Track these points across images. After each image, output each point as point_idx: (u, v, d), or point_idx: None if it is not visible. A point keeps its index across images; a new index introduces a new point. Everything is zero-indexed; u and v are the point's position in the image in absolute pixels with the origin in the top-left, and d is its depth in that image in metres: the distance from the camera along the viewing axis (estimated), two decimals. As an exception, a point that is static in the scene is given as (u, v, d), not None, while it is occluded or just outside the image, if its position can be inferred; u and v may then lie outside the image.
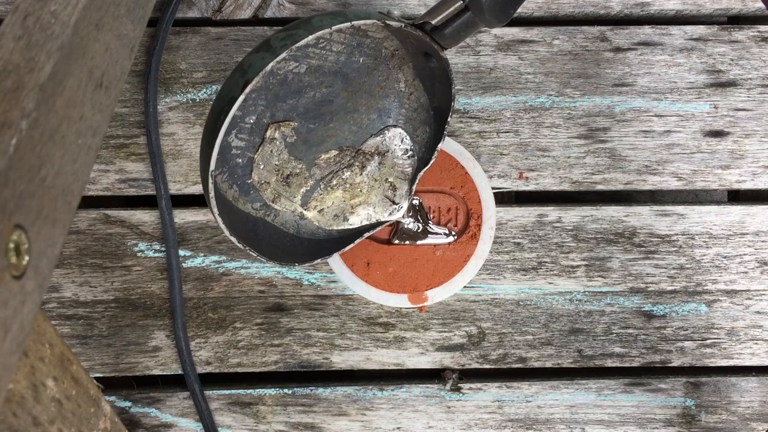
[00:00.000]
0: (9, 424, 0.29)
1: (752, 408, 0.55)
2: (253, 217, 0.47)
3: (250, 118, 0.45)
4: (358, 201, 0.49)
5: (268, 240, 0.48)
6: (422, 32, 0.41)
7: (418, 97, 0.48)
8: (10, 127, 0.25)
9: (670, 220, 0.55)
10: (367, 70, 0.46)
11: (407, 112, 0.48)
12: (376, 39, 0.44)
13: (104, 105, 0.35)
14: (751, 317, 0.55)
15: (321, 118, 0.47)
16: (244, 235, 0.45)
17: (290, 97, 0.45)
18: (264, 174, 0.46)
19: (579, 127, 0.55)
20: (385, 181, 0.49)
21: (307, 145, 0.47)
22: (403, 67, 0.46)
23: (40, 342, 0.32)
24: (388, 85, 0.47)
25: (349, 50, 0.44)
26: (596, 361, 0.55)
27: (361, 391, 0.54)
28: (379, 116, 0.48)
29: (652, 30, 0.56)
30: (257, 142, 0.46)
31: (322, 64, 0.44)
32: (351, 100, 0.47)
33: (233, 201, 0.46)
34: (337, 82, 0.46)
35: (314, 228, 0.50)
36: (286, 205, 0.48)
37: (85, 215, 0.54)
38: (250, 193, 0.47)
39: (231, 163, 0.45)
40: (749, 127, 0.55)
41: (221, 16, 0.55)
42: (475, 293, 0.54)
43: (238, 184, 0.46)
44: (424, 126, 0.49)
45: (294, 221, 0.49)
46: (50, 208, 0.28)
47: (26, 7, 0.30)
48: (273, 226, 0.48)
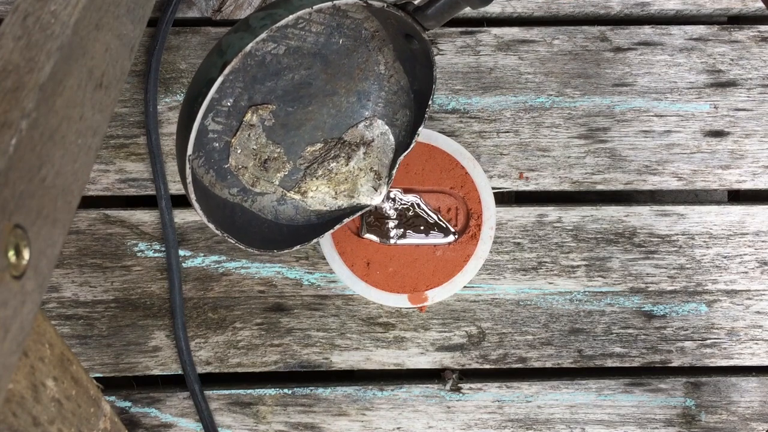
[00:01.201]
0: (9, 424, 0.29)
1: (752, 408, 0.55)
2: (230, 202, 0.46)
3: (228, 101, 0.44)
4: (342, 188, 0.48)
5: (245, 226, 0.47)
6: (404, 12, 0.40)
7: (399, 79, 0.47)
8: (10, 127, 0.25)
9: (670, 220, 0.55)
10: (346, 52, 0.45)
11: (387, 95, 0.48)
12: (357, 20, 0.44)
13: (104, 105, 0.35)
14: (751, 317, 0.55)
15: (300, 100, 0.46)
16: (221, 221, 0.44)
17: (268, 79, 0.44)
18: (241, 159, 0.45)
19: (579, 127, 0.55)
20: (369, 170, 0.48)
21: (286, 128, 0.46)
22: (384, 49, 0.46)
23: (40, 342, 0.32)
24: (367, 68, 0.46)
25: (328, 31, 0.44)
26: (596, 361, 0.55)
27: (361, 391, 0.54)
28: (359, 99, 0.48)
29: (652, 30, 0.56)
30: (234, 126, 0.45)
31: (301, 45, 0.43)
32: (330, 82, 0.46)
33: (210, 186, 0.45)
34: (316, 64, 0.45)
35: (292, 214, 0.49)
36: (266, 188, 0.47)
37: (85, 215, 0.54)
38: (227, 178, 0.46)
39: (207, 147, 0.44)
40: (749, 127, 0.55)
41: (221, 16, 0.55)
42: (475, 293, 0.54)
43: (214, 168, 0.45)
44: (404, 109, 0.48)
45: (272, 207, 0.48)
46: (50, 208, 0.28)
47: (26, 7, 0.30)
48: (250, 212, 0.47)
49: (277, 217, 0.48)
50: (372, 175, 0.48)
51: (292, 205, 0.49)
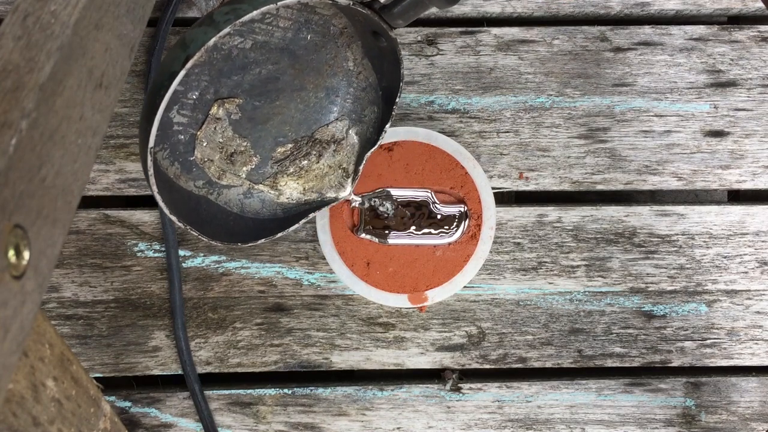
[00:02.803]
0: (9, 424, 0.29)
1: (752, 408, 0.55)
2: (195, 195, 0.46)
3: (193, 93, 0.43)
4: (311, 185, 0.49)
5: (210, 219, 0.46)
6: (371, 11, 0.40)
7: (367, 76, 0.47)
8: (10, 127, 0.25)
9: (670, 220, 0.55)
10: (315, 48, 0.45)
11: (355, 92, 0.48)
12: (325, 16, 0.44)
13: (104, 105, 0.35)
14: (751, 317, 0.55)
15: (267, 95, 0.46)
16: (185, 213, 0.44)
17: (235, 73, 0.44)
18: (207, 151, 0.45)
19: (579, 127, 0.55)
20: (339, 167, 0.49)
21: (253, 122, 0.46)
22: (352, 45, 0.46)
23: (40, 342, 0.32)
24: (336, 64, 0.46)
25: (296, 26, 0.44)
26: (596, 361, 0.55)
27: (361, 391, 0.54)
28: (327, 95, 0.48)
29: (652, 30, 0.56)
30: (200, 119, 0.44)
31: (268, 40, 0.43)
32: (298, 77, 0.46)
33: (174, 178, 0.45)
34: (284, 59, 0.45)
35: (259, 207, 0.49)
36: (233, 180, 0.47)
37: (85, 215, 0.54)
38: (192, 170, 0.46)
39: (172, 139, 0.44)
40: (749, 127, 0.55)
41: (221, 16, 0.55)
42: (475, 293, 0.54)
43: (179, 161, 0.45)
44: (372, 106, 0.48)
45: (238, 200, 0.48)
46: (50, 208, 0.28)
47: (26, 7, 0.30)
48: (216, 205, 0.47)
49: (243, 210, 0.48)
50: (340, 172, 0.49)
51: (258, 198, 0.49)
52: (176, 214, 0.42)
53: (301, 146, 0.48)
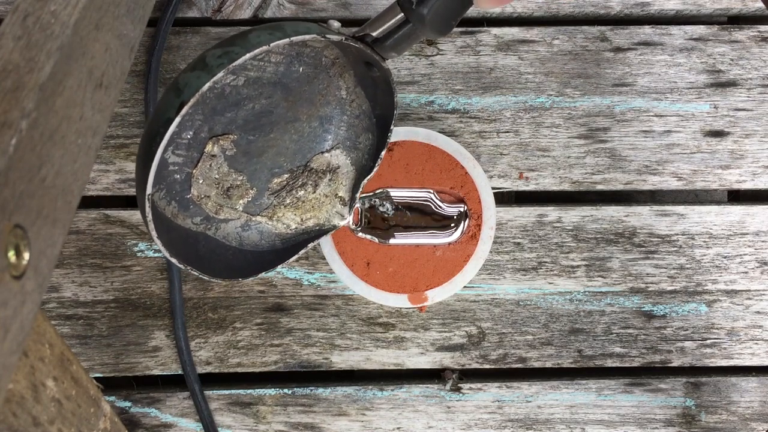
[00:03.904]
0: (9, 424, 0.29)
1: (752, 408, 0.55)
2: (194, 232, 0.46)
3: (187, 133, 0.43)
4: (309, 216, 0.49)
5: (209, 255, 0.46)
6: (363, 44, 0.40)
7: (360, 104, 0.47)
8: (10, 127, 0.25)
9: (670, 220, 0.55)
10: (307, 79, 0.45)
11: (349, 119, 0.48)
12: (316, 48, 0.44)
13: (104, 105, 0.35)
14: (751, 317, 0.55)
15: (261, 129, 0.46)
16: (184, 252, 0.44)
17: (228, 110, 0.44)
18: (204, 188, 0.45)
19: (579, 127, 0.55)
20: (335, 195, 0.49)
21: (248, 156, 0.46)
22: (344, 74, 0.46)
23: (40, 342, 0.32)
24: (329, 93, 0.47)
25: (288, 60, 0.44)
26: (596, 361, 0.55)
27: (361, 391, 0.54)
28: (321, 124, 0.48)
29: (652, 30, 0.56)
30: (195, 157, 0.44)
31: (260, 75, 0.43)
32: (291, 109, 0.46)
33: (172, 217, 0.45)
34: (276, 93, 0.45)
35: (257, 239, 0.49)
36: (230, 214, 0.47)
37: (85, 215, 0.54)
38: (189, 208, 0.46)
39: (168, 179, 0.44)
40: (749, 127, 0.55)
41: (221, 16, 0.55)
42: (475, 293, 0.54)
43: (176, 200, 0.45)
44: (366, 133, 0.48)
45: (236, 233, 0.48)
46: (50, 208, 0.28)
47: (26, 7, 0.30)
48: (214, 240, 0.47)
49: (242, 243, 0.48)
50: (337, 200, 0.49)
51: (256, 230, 0.49)
52: (176, 255, 0.42)
53: (297, 176, 0.48)
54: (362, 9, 0.56)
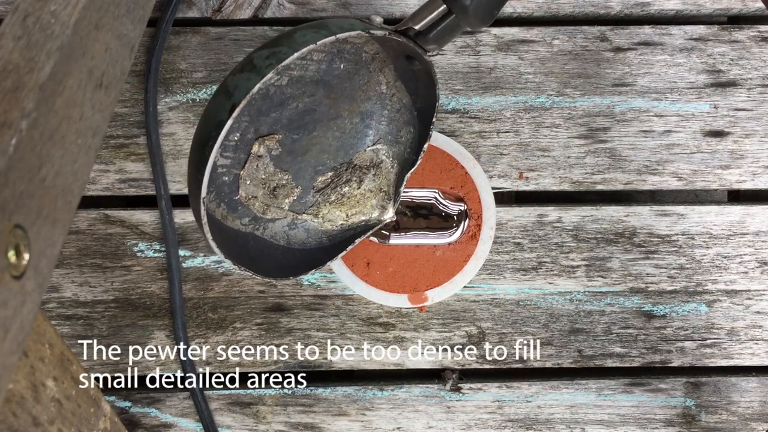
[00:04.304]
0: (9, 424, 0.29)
1: (752, 408, 0.55)
2: (243, 233, 0.47)
3: (234, 135, 0.44)
4: (354, 211, 0.49)
5: (259, 256, 0.47)
6: (406, 38, 0.40)
7: (401, 98, 0.47)
8: (10, 127, 0.25)
9: (670, 220, 0.55)
10: (348, 75, 0.45)
11: (390, 114, 0.48)
12: (356, 44, 0.44)
13: (104, 105, 0.35)
14: (751, 317, 0.55)
15: (304, 127, 0.46)
16: (236, 253, 0.44)
17: (273, 110, 0.44)
18: (251, 189, 0.46)
19: (579, 127, 0.55)
20: (379, 190, 0.49)
21: (292, 155, 0.47)
22: (384, 69, 0.46)
23: (40, 342, 0.32)
24: (369, 88, 0.47)
25: (329, 58, 0.44)
26: (596, 361, 0.55)
27: (361, 391, 0.54)
28: (362, 119, 0.48)
29: (652, 30, 0.56)
30: (242, 159, 0.45)
31: (303, 74, 0.44)
32: (333, 107, 0.46)
33: (222, 219, 0.45)
34: (319, 91, 0.45)
35: (304, 237, 0.49)
36: (277, 214, 0.47)
37: (85, 215, 0.54)
38: (237, 209, 0.46)
39: (217, 182, 0.44)
40: (749, 127, 0.55)
41: (221, 16, 0.55)
42: (475, 293, 0.54)
43: (225, 201, 0.45)
44: (407, 126, 0.48)
45: (284, 232, 0.48)
46: (50, 208, 0.28)
47: (26, 7, 0.30)
48: (263, 240, 0.48)
49: (290, 242, 0.49)
50: (381, 195, 0.49)
51: (303, 228, 0.49)
52: (230, 257, 0.42)
53: (341, 173, 0.49)
54: (362, 9, 0.56)
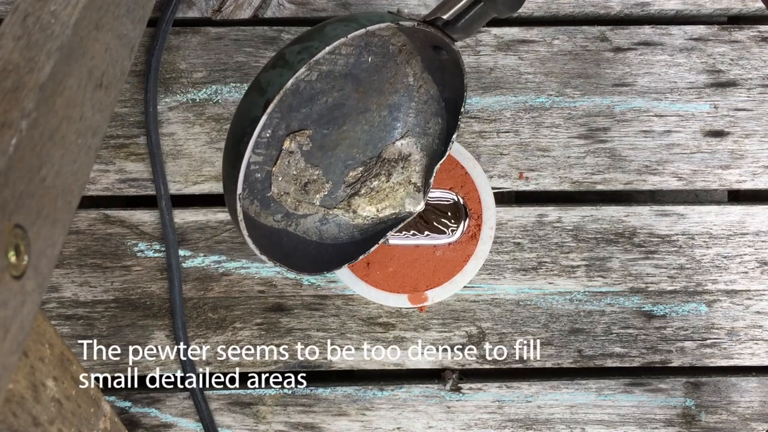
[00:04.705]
0: (9, 424, 0.29)
1: (752, 408, 0.55)
2: (276, 229, 0.47)
3: (267, 132, 0.44)
4: (384, 205, 0.49)
5: (293, 252, 0.47)
6: (434, 28, 0.40)
7: (428, 89, 0.47)
8: (10, 127, 0.25)
9: (670, 220, 0.55)
10: (375, 69, 0.45)
11: (417, 105, 0.48)
12: (384, 37, 0.44)
13: (104, 105, 0.35)
14: (751, 317, 0.55)
15: (334, 122, 0.46)
16: (270, 249, 0.44)
17: (303, 105, 0.44)
18: (283, 185, 0.46)
19: (579, 127, 0.55)
20: (409, 182, 0.49)
21: (323, 150, 0.47)
22: (411, 61, 0.46)
23: (40, 342, 0.32)
24: (396, 80, 0.47)
25: (357, 51, 0.44)
26: (596, 361, 0.55)
27: (361, 391, 0.54)
28: (390, 112, 0.48)
29: (652, 30, 0.56)
30: (274, 155, 0.45)
31: (332, 69, 0.44)
32: (362, 100, 0.46)
33: (255, 216, 0.45)
34: (347, 85, 0.45)
35: (336, 232, 0.49)
36: (308, 209, 0.48)
37: (85, 215, 0.54)
38: (270, 206, 0.46)
39: (250, 179, 0.45)
40: (749, 127, 0.55)
41: (221, 16, 0.55)
42: (475, 293, 0.54)
43: (258, 198, 0.45)
44: (435, 117, 0.48)
45: (315, 228, 0.49)
46: (50, 208, 0.28)
47: (26, 7, 0.30)
48: (296, 236, 0.48)
49: (322, 237, 0.49)
50: (411, 187, 0.49)
51: (334, 223, 0.49)
52: (265, 252, 0.42)
53: (371, 167, 0.49)
54: (362, 8, 0.56)
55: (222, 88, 0.55)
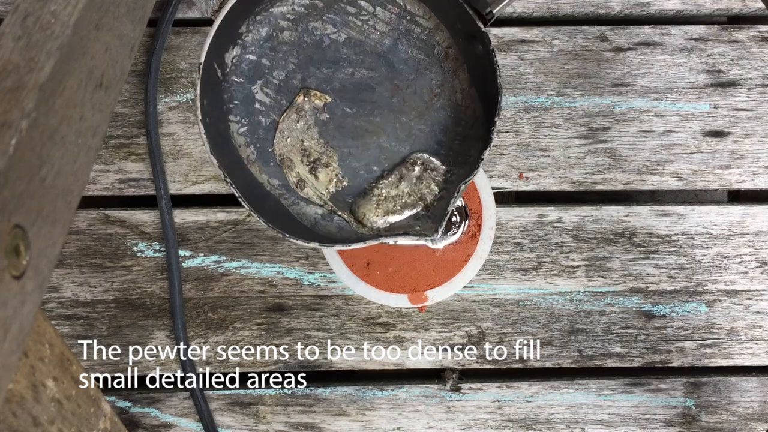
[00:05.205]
0: (9, 424, 0.29)
1: (752, 408, 0.55)
2: (266, 190, 0.43)
3: (279, 73, 0.42)
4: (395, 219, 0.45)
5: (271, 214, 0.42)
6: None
7: (475, 108, 0.44)
8: (10, 127, 0.25)
9: (670, 220, 0.55)
10: (416, 66, 0.43)
11: (464, 131, 0.44)
12: (426, 29, 0.42)
13: (104, 105, 0.35)
14: (751, 317, 0.55)
15: (360, 105, 0.44)
16: (244, 192, 0.40)
17: (325, 65, 0.42)
18: (287, 148, 0.43)
19: (579, 127, 0.55)
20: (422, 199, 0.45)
21: (341, 132, 0.44)
22: (459, 71, 0.44)
23: (40, 342, 0.32)
24: (443, 93, 0.44)
25: (395, 35, 0.42)
26: (596, 361, 0.55)
27: (361, 391, 0.54)
28: (432, 130, 0.45)
29: (652, 30, 0.56)
30: (284, 105, 0.43)
31: (363, 39, 0.42)
32: (397, 96, 0.44)
33: (247, 162, 0.42)
34: (380, 68, 0.43)
35: (334, 231, 0.45)
36: (313, 198, 0.44)
37: (85, 215, 0.54)
38: (269, 164, 0.43)
39: (252, 118, 0.42)
40: (749, 127, 0.55)
41: (221, 16, 0.55)
42: (475, 293, 0.54)
43: (257, 146, 0.43)
44: (477, 143, 0.44)
45: (313, 218, 0.45)
46: (50, 208, 0.28)
47: (26, 7, 0.30)
48: (285, 210, 0.44)
49: (315, 227, 0.45)
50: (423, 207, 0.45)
51: (337, 224, 0.45)
52: (233, 182, 0.39)
53: (393, 178, 0.45)
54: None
55: (222, 88, 0.55)
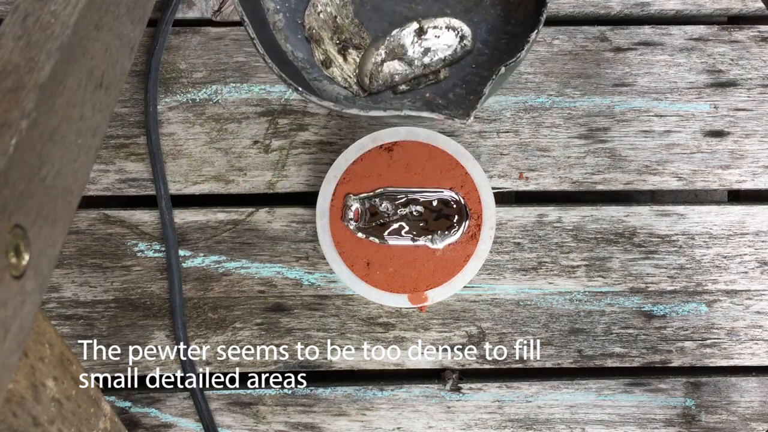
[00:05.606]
0: (9, 424, 0.29)
1: (752, 408, 0.55)
2: (289, 59, 0.41)
3: None
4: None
5: (288, 75, 0.40)
6: None
7: (527, 6, 0.42)
8: (10, 127, 0.25)
9: (670, 220, 0.55)
10: None
11: (513, 29, 0.42)
12: None
13: (104, 105, 0.35)
14: (751, 317, 0.55)
15: None
16: (267, 47, 0.38)
17: None
18: (319, 23, 0.41)
19: (579, 127, 0.55)
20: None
21: (378, 14, 0.42)
22: None
23: (40, 342, 0.32)
24: None
25: None
26: (596, 361, 0.55)
27: (361, 391, 0.54)
28: (478, 29, 0.42)
29: (652, 30, 0.56)
30: None
31: None
32: None
33: (273, 28, 0.40)
34: None
35: (355, 112, 0.43)
36: (339, 79, 0.42)
37: (85, 215, 0.54)
38: (297, 35, 0.42)
39: None
40: (749, 127, 0.55)
41: (221, 17, 0.55)
42: (475, 293, 0.54)
43: (286, 15, 0.41)
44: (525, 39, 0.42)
45: (335, 96, 0.43)
46: (50, 208, 0.28)
47: (26, 7, 0.30)
48: (305, 82, 0.42)
49: (335, 102, 0.43)
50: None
51: (361, 107, 0.43)
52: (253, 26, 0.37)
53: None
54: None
55: (222, 88, 0.55)
